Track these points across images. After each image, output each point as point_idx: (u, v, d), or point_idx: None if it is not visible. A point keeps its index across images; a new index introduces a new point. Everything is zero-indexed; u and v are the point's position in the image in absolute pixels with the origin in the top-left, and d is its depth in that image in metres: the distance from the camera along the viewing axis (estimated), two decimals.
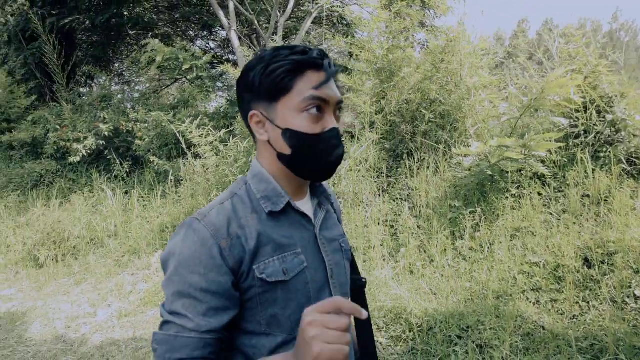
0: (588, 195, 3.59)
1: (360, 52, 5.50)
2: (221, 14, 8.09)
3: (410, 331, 2.96)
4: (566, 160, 3.86)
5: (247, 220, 0.90)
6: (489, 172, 3.86)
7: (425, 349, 2.83)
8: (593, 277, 2.97)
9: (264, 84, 0.90)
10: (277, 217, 0.94)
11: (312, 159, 0.92)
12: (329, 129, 0.91)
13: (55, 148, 7.31)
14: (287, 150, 0.92)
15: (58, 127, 7.41)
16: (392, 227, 4.19)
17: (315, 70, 0.91)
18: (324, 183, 1.09)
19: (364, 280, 1.12)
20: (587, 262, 3.10)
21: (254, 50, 8.38)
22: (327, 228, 1.03)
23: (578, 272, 3.04)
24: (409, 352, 2.88)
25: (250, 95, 0.94)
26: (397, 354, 2.85)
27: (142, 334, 3.67)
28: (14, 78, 8.49)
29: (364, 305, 1.09)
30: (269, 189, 0.94)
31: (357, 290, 1.11)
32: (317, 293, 0.94)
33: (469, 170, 4.10)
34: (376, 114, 5.06)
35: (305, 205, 1.01)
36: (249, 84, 0.93)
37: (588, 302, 2.87)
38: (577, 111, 3.94)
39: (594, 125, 3.84)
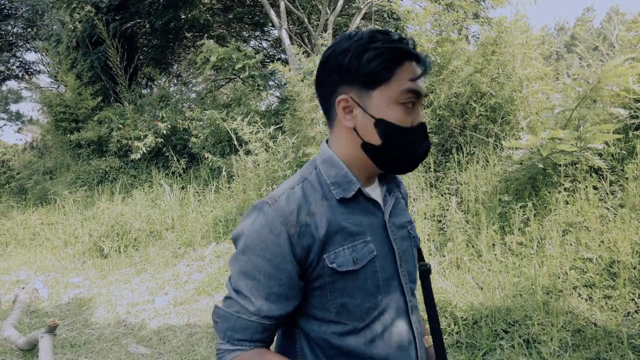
0: None
1: None
2: (272, 13, 8.27)
3: (455, 324, 2.95)
4: (625, 152, 3.68)
5: (317, 206, 0.89)
6: (541, 166, 3.74)
7: (471, 342, 2.81)
8: None
9: (362, 69, 0.86)
10: (347, 203, 0.92)
11: (401, 152, 0.90)
12: (419, 123, 0.90)
13: (118, 146, 7.77)
14: (376, 141, 0.89)
15: (121, 126, 7.86)
16: (439, 221, 4.16)
17: (411, 61, 0.88)
18: None
19: (428, 266, 1.10)
20: None
21: (305, 49, 8.50)
22: (395, 214, 1.01)
23: (634, 268, 2.90)
24: (453, 345, 2.87)
25: (341, 78, 0.89)
26: None
27: (195, 321, 3.86)
28: (81, 81, 9.06)
29: (429, 291, 1.08)
30: (340, 175, 0.92)
31: (423, 277, 1.09)
32: (386, 281, 0.94)
33: (520, 163, 3.99)
34: (424, 109, 5.02)
35: (374, 191, 0.99)
36: (343, 66, 0.88)
37: None
38: (637, 101, 3.74)
39: None
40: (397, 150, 0.90)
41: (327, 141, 0.99)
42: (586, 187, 3.58)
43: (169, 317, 4.02)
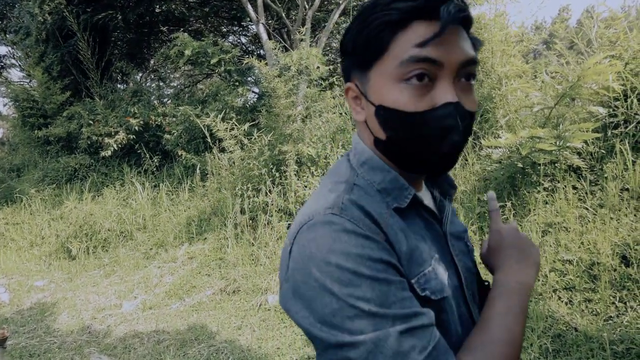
0: (627, 189, 3.36)
1: None
2: (249, 7, 8.07)
3: None
4: (604, 151, 3.63)
5: (386, 217, 0.68)
6: (520, 165, 3.67)
7: None
8: (631, 275, 2.77)
9: (358, 44, 0.69)
10: (405, 215, 0.72)
11: (414, 147, 0.68)
12: (442, 104, 0.64)
13: (89, 143, 7.49)
14: (381, 134, 0.70)
15: (91, 122, 7.58)
16: None
17: (424, 21, 0.64)
18: None
19: (486, 283, 0.86)
20: (624, 259, 2.90)
21: (284, 44, 8.33)
22: (451, 223, 0.83)
23: (615, 270, 2.84)
24: None
25: (348, 61, 0.74)
26: None
27: (164, 327, 3.69)
28: (50, 75, 8.73)
29: None
30: (387, 180, 0.72)
31: (482, 298, 0.84)
32: (461, 323, 0.74)
33: (499, 162, 3.92)
34: None
35: (425, 197, 0.80)
36: (345, 46, 0.73)
37: (625, 303, 2.68)
38: (617, 99, 3.69)
39: (634, 114, 3.59)
40: (409, 145, 0.68)
41: (357, 134, 0.79)
42: (565, 186, 3.52)
43: (136, 323, 3.83)
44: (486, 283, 0.86)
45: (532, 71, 5.07)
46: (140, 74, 12.28)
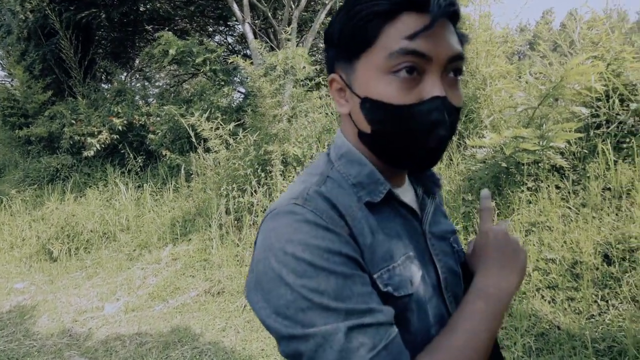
0: (609, 188, 3.39)
1: None
2: (235, 6, 8.02)
3: None
4: (586, 151, 3.67)
5: (355, 210, 0.66)
6: (504, 164, 3.69)
7: None
8: (613, 274, 2.79)
9: (344, 34, 0.67)
10: (378, 209, 0.70)
11: (400, 141, 0.66)
12: (430, 98, 0.63)
13: (71, 142, 7.37)
14: (366, 128, 0.68)
15: (73, 121, 7.47)
16: None
17: (414, 12, 0.63)
18: None
19: None
20: (606, 258, 2.92)
21: (270, 44, 8.30)
22: (435, 222, 0.80)
23: (597, 269, 2.87)
24: None
25: (331, 52, 0.72)
26: None
27: (146, 329, 3.63)
28: (32, 73, 8.58)
29: None
30: (363, 174, 0.70)
31: None
32: (437, 318, 0.73)
33: (484, 162, 3.94)
34: None
35: (406, 194, 0.78)
36: (331, 38, 0.71)
37: (607, 301, 2.70)
38: (599, 100, 3.73)
39: (616, 114, 3.64)
40: (395, 139, 0.66)
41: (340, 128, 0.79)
42: (548, 186, 3.55)
43: (118, 326, 3.77)
44: None
45: (517, 72, 5.11)
46: (125, 74, 12.14)
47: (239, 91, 8.30)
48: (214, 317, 3.70)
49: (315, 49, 11.26)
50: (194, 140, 5.90)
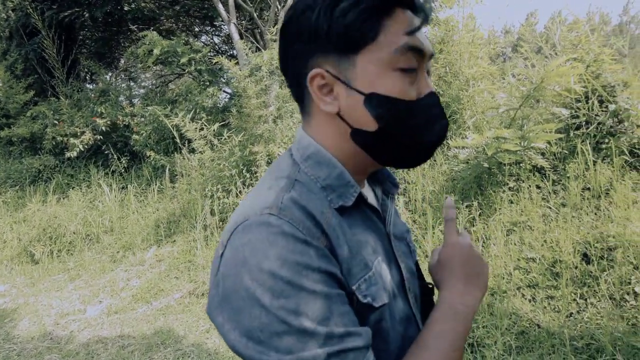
0: (589, 188, 3.45)
1: None
2: (220, 6, 7.98)
3: None
4: (566, 152, 3.72)
5: (328, 217, 0.63)
6: (486, 165, 3.73)
7: None
8: (591, 273, 2.84)
9: (334, 27, 0.62)
10: (348, 213, 0.68)
11: (407, 137, 0.66)
12: (427, 93, 0.66)
13: (54, 143, 7.28)
14: (370, 125, 0.65)
15: (56, 122, 7.37)
16: None
17: (404, 9, 0.64)
18: None
19: (431, 286, 0.84)
20: (585, 257, 2.97)
21: (257, 45, 8.27)
22: (395, 223, 0.80)
23: (576, 267, 2.91)
24: None
25: (310, 46, 0.65)
26: None
27: (129, 331, 3.60)
28: (13, 73, 8.46)
29: None
30: (334, 176, 0.68)
31: (426, 300, 0.83)
32: (405, 322, 0.73)
33: (466, 162, 3.97)
34: None
35: (368, 195, 0.76)
36: (309, 28, 0.64)
37: (586, 300, 2.75)
38: (578, 101, 3.79)
39: (595, 115, 3.70)
40: (403, 136, 0.65)
41: (302, 128, 0.73)
42: (529, 186, 3.59)
43: (100, 328, 3.73)
44: (430, 285, 0.84)
45: (500, 73, 5.17)
46: (110, 74, 12.02)
47: (224, 91, 8.26)
48: (197, 318, 3.68)
49: None
50: (178, 141, 5.86)
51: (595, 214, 3.26)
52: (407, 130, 0.65)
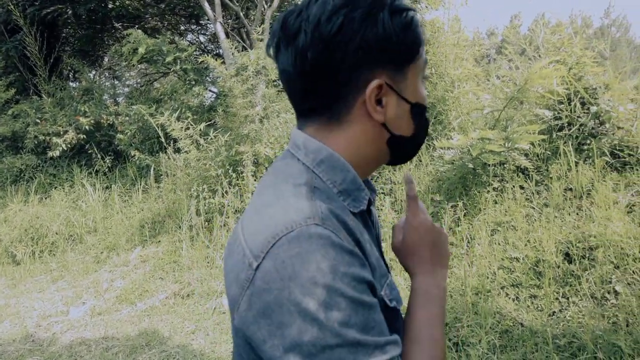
0: (571, 189, 3.51)
1: None
2: (206, 5, 7.93)
3: None
4: (549, 153, 3.78)
5: (352, 225, 0.64)
6: (471, 165, 3.77)
7: None
8: (573, 272, 2.89)
9: (405, 39, 0.65)
10: (358, 218, 0.70)
11: (423, 137, 0.75)
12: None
13: (36, 142, 7.16)
14: (408, 132, 0.70)
15: (38, 120, 7.25)
16: None
17: None
18: None
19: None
20: (567, 256, 3.02)
21: (243, 45, 8.24)
22: (378, 226, 0.84)
23: (558, 267, 2.96)
24: None
25: (368, 56, 0.64)
26: None
27: (113, 333, 3.56)
28: None
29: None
30: (348, 180, 0.68)
31: None
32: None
33: (452, 163, 4.01)
34: None
35: None
36: (375, 39, 0.63)
37: (568, 298, 2.79)
38: (561, 103, 3.85)
39: (577, 117, 3.76)
40: (423, 137, 0.75)
41: (299, 129, 0.73)
42: (513, 186, 3.64)
43: (84, 330, 3.69)
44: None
45: (484, 75, 5.23)
46: (93, 72, 11.86)
47: (210, 91, 8.21)
48: (183, 319, 3.66)
49: None
50: (163, 140, 5.81)
51: (577, 214, 3.32)
52: (425, 132, 0.74)
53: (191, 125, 5.48)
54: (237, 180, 4.97)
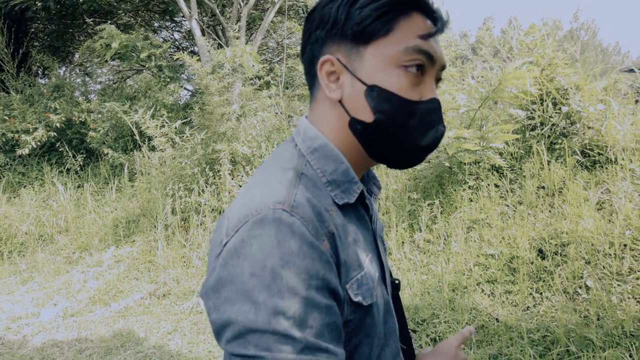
0: (543, 187, 3.59)
1: None
2: (181, 1, 7.83)
3: None
4: (523, 152, 3.87)
5: (332, 214, 0.64)
6: (447, 164, 3.83)
7: None
8: (546, 268, 2.96)
9: (353, 17, 0.65)
10: (346, 210, 0.69)
11: (401, 135, 0.67)
12: (430, 98, 0.67)
13: (3, 140, 6.92)
14: (367, 117, 0.66)
15: (6, 117, 7.02)
16: None
17: (423, 14, 0.67)
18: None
19: (397, 282, 0.86)
20: (541, 253, 3.10)
21: (219, 42, 8.16)
22: (377, 222, 0.81)
23: (532, 263, 3.03)
24: None
25: (326, 33, 0.68)
26: None
27: (87, 335, 3.48)
28: None
29: (401, 309, 0.86)
30: (340, 171, 0.68)
31: (394, 294, 0.84)
32: (385, 314, 0.73)
33: (428, 162, 4.06)
34: None
35: None
36: (329, 17, 0.67)
37: (541, 294, 2.86)
38: (534, 103, 3.94)
39: (549, 117, 3.86)
40: (397, 132, 0.66)
41: (306, 117, 0.74)
42: (488, 185, 3.71)
43: (56, 332, 3.59)
44: (397, 281, 0.86)
45: (460, 75, 5.31)
46: (64, 68, 11.56)
47: (186, 89, 8.11)
48: (159, 320, 3.60)
49: (264, 47, 11.17)
50: (137, 138, 5.71)
51: (550, 211, 3.40)
52: (402, 128, 0.66)
53: (166, 123, 5.40)
54: (214, 178, 4.92)
